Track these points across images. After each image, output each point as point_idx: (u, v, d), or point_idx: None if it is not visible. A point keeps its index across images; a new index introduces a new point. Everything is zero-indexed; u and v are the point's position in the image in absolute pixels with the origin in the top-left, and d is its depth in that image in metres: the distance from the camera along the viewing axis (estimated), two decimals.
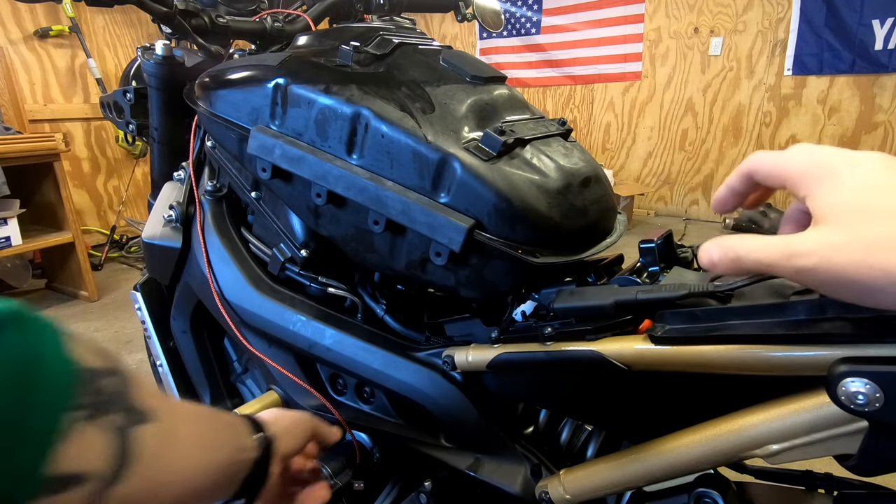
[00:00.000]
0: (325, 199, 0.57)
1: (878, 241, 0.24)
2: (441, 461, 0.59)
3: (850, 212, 0.25)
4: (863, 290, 0.25)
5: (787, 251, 0.26)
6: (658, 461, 0.42)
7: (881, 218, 0.24)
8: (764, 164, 0.31)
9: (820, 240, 0.26)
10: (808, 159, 0.28)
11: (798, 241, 0.26)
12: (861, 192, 0.25)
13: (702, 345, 0.38)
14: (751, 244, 0.28)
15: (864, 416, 0.30)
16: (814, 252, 0.25)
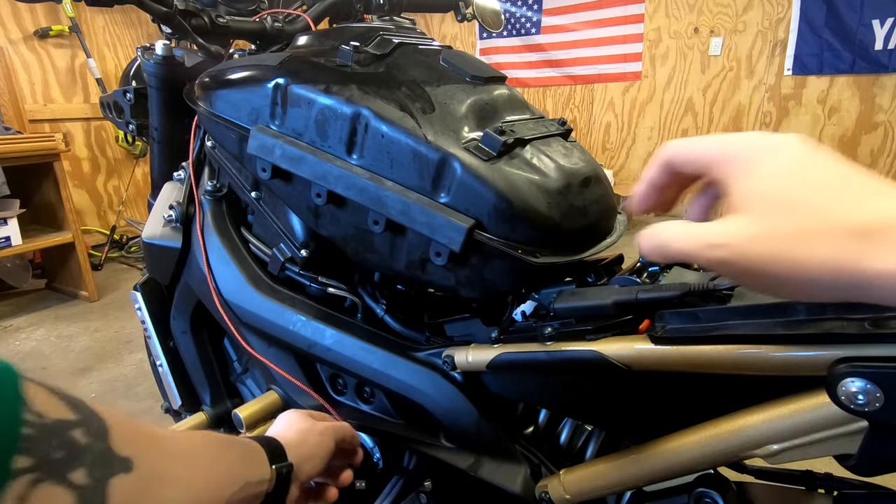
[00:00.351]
0: (325, 199, 0.57)
1: (791, 233, 0.23)
2: (441, 461, 0.59)
3: (765, 201, 0.25)
4: (774, 282, 0.25)
5: (705, 241, 0.26)
6: (658, 461, 0.42)
7: (795, 209, 0.24)
8: (681, 149, 0.30)
9: (735, 230, 0.25)
10: (726, 144, 0.28)
11: (714, 230, 0.26)
12: (777, 181, 0.25)
13: (702, 345, 0.38)
14: (674, 232, 0.27)
15: (864, 416, 0.30)
16: (728, 243, 0.25)
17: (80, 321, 2.35)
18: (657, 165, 0.32)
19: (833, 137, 3.25)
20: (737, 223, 0.25)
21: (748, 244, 0.25)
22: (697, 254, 0.26)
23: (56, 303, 2.57)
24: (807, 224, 0.23)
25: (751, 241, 0.24)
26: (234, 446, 0.40)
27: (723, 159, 0.27)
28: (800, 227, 0.23)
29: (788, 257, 0.23)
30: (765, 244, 0.24)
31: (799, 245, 0.23)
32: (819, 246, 0.23)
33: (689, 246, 0.27)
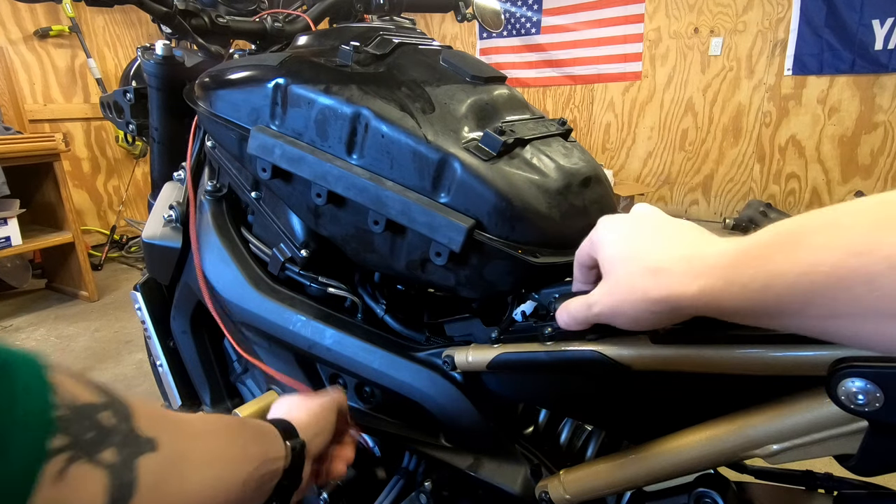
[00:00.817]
0: (325, 199, 0.57)
1: (623, 281, 0.34)
2: (441, 461, 0.59)
3: (610, 263, 0.36)
4: (630, 318, 0.34)
5: (587, 303, 0.37)
6: (658, 461, 0.42)
7: (625, 261, 0.34)
8: (580, 251, 0.41)
9: (599, 290, 0.36)
10: (593, 234, 0.39)
11: (591, 295, 0.37)
12: (615, 247, 0.36)
13: (702, 345, 0.38)
14: (573, 306, 0.38)
15: (864, 416, 0.30)
16: (598, 301, 0.36)
17: (80, 321, 2.35)
18: (576, 266, 0.42)
19: (833, 137, 3.25)
20: (601, 285, 0.36)
21: (607, 296, 0.35)
22: (587, 316, 0.37)
23: (56, 303, 2.57)
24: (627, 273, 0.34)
25: (608, 294, 0.35)
26: (250, 427, 0.41)
27: (592, 247, 0.38)
28: (624, 275, 0.34)
29: (629, 296, 0.33)
30: (613, 295, 0.34)
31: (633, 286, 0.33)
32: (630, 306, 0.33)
33: (581, 312, 0.37)
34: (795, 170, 3.43)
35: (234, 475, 0.36)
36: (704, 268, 0.30)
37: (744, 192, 3.67)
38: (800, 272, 0.25)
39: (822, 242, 0.25)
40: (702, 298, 0.29)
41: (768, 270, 0.26)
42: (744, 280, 0.27)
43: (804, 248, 0.25)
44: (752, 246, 0.28)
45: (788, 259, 0.26)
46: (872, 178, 3.19)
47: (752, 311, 0.28)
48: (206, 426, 0.35)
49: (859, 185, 3.22)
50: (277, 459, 0.41)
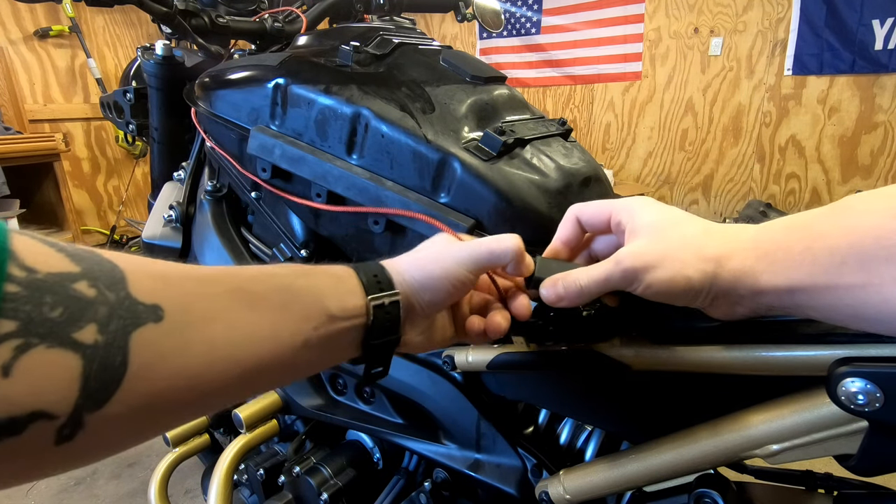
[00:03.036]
0: (325, 198, 0.57)
1: (673, 238, 0.33)
2: (441, 461, 0.59)
3: (650, 229, 0.34)
4: (665, 278, 0.32)
5: (615, 260, 0.34)
6: (658, 461, 0.42)
7: (667, 236, 0.33)
8: (588, 207, 0.39)
9: (635, 246, 0.34)
10: (621, 201, 0.37)
11: (621, 252, 0.34)
12: (659, 213, 0.35)
13: (702, 345, 0.38)
14: (584, 274, 0.35)
15: (864, 416, 0.30)
16: (631, 254, 0.34)
17: None
18: (567, 221, 0.40)
19: (833, 137, 3.25)
20: (635, 243, 0.34)
21: (645, 254, 0.33)
22: (613, 273, 0.34)
23: None
24: (676, 233, 0.33)
25: (644, 250, 0.33)
26: (311, 274, 0.33)
27: (620, 208, 0.37)
28: (673, 235, 0.33)
29: (671, 254, 0.32)
30: (655, 251, 0.33)
31: (680, 244, 0.32)
32: (678, 261, 0.32)
33: (605, 271, 0.34)
34: (795, 170, 3.43)
35: (280, 334, 0.30)
36: (752, 234, 0.31)
37: (744, 192, 3.67)
38: (840, 234, 0.26)
39: (864, 207, 0.27)
40: (746, 262, 0.30)
41: (813, 232, 0.28)
42: (789, 242, 0.28)
43: (847, 213, 0.27)
44: (801, 215, 0.29)
45: (831, 223, 0.27)
46: (872, 178, 3.19)
47: (786, 279, 0.28)
48: (243, 279, 0.29)
49: (859, 185, 3.21)
50: (350, 317, 0.33)
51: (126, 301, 0.22)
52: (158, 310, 0.24)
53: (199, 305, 0.26)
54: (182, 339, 0.24)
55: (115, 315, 0.22)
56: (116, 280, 0.23)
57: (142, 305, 0.23)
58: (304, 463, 0.67)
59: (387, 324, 0.35)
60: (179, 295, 0.25)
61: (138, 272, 0.24)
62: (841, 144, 3.24)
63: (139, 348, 0.22)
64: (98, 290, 0.22)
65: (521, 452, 0.55)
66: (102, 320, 0.21)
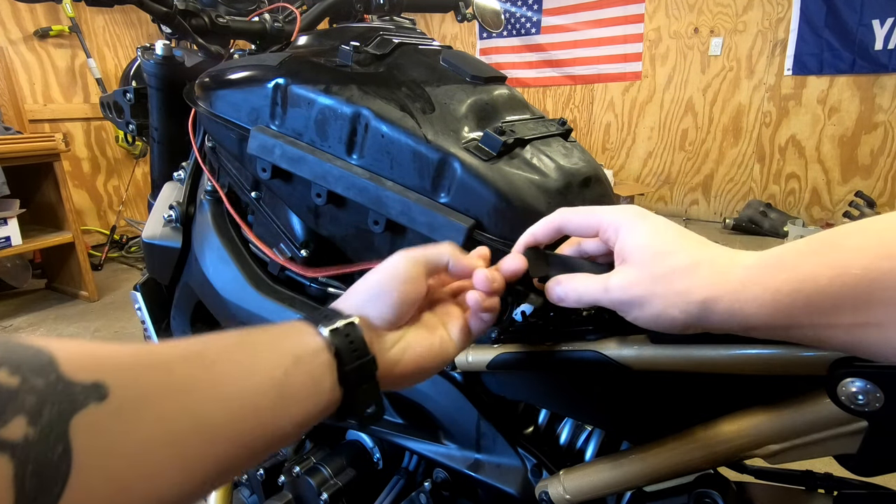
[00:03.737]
0: (325, 199, 0.57)
1: (659, 274, 0.32)
2: (441, 461, 0.59)
3: (640, 253, 0.33)
4: (652, 314, 0.32)
5: (603, 287, 0.34)
6: (658, 461, 0.42)
7: (657, 257, 0.32)
8: (576, 216, 0.38)
9: (623, 277, 0.33)
10: (615, 213, 0.35)
11: (610, 280, 0.34)
12: (648, 237, 0.33)
13: (702, 345, 0.38)
14: (582, 284, 0.35)
15: (864, 416, 0.30)
16: (618, 287, 0.33)
17: (80, 321, 2.35)
18: (547, 226, 0.39)
19: (833, 137, 3.25)
20: (624, 271, 0.33)
21: (632, 289, 0.32)
22: (601, 298, 0.34)
23: (56, 303, 2.57)
24: (663, 267, 0.32)
25: (632, 285, 0.32)
26: (261, 330, 0.31)
27: (609, 224, 0.35)
28: (660, 269, 0.32)
29: (659, 292, 0.31)
30: (641, 287, 0.32)
31: (664, 283, 0.31)
32: (664, 300, 0.31)
33: (594, 294, 0.34)
34: (795, 170, 3.43)
35: (247, 391, 0.27)
36: (741, 272, 0.29)
37: (744, 192, 3.67)
38: (832, 275, 0.25)
39: (855, 245, 0.25)
40: (734, 306, 0.29)
41: (801, 274, 0.26)
42: (777, 284, 0.27)
43: (837, 251, 0.26)
44: (786, 252, 0.28)
45: (821, 262, 0.26)
46: (872, 178, 3.19)
47: (780, 320, 0.27)
48: (187, 348, 0.27)
49: (859, 185, 3.22)
50: (315, 353, 0.31)
51: (59, 384, 0.19)
52: (100, 388, 0.20)
53: (148, 376, 0.23)
54: (134, 417, 0.21)
55: (46, 402, 0.19)
56: (44, 363, 0.20)
57: (79, 386, 0.20)
58: (304, 463, 0.67)
59: (351, 346, 0.32)
60: (123, 368, 0.22)
61: (70, 351, 0.21)
62: (841, 144, 3.24)
63: (83, 435, 0.19)
64: (22, 377, 0.19)
65: (521, 452, 0.55)
66: (31, 410, 0.18)
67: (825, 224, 3.29)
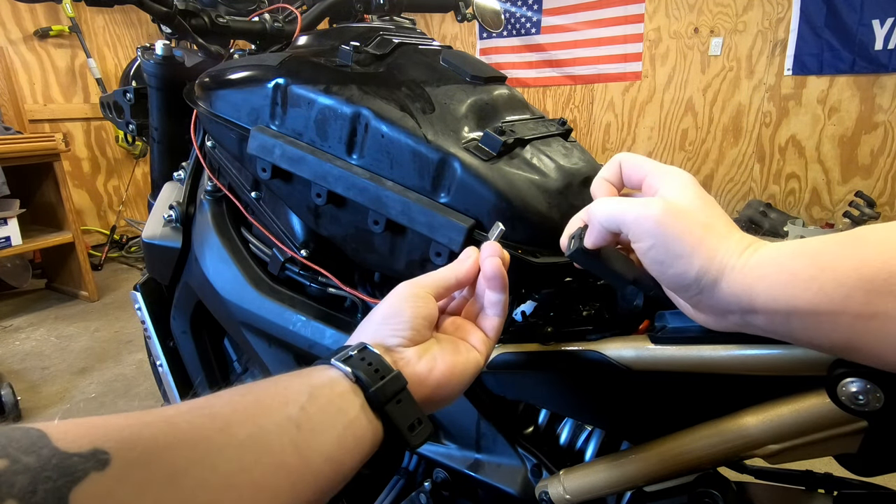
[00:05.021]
0: (325, 199, 0.57)
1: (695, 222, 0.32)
2: (441, 461, 0.59)
3: (680, 196, 0.34)
4: (672, 254, 0.32)
5: (638, 212, 0.33)
6: (658, 461, 0.42)
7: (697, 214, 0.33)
8: (630, 158, 0.39)
9: (661, 200, 0.33)
10: (665, 168, 0.37)
11: (645, 204, 0.33)
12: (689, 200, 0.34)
13: (702, 345, 0.38)
14: (617, 202, 0.35)
15: (864, 415, 0.30)
16: (651, 216, 0.32)
17: (80, 321, 2.35)
18: (612, 164, 0.40)
19: (833, 137, 3.25)
20: (657, 203, 0.33)
21: (669, 209, 0.32)
22: (628, 219, 0.33)
23: (56, 303, 2.57)
24: (705, 215, 0.33)
25: (670, 208, 0.32)
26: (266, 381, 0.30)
27: (658, 174, 0.36)
28: (696, 220, 0.32)
29: (687, 235, 0.31)
30: (677, 220, 0.32)
31: (694, 229, 0.32)
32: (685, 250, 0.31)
33: (628, 211, 0.34)
34: (795, 170, 3.43)
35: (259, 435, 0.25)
36: (764, 253, 0.30)
37: (744, 192, 3.67)
38: (851, 266, 0.26)
39: (877, 239, 0.26)
40: (746, 279, 0.29)
41: (821, 262, 0.27)
42: (795, 268, 0.27)
43: (858, 244, 0.26)
44: (810, 241, 0.29)
45: (843, 254, 0.26)
46: (872, 178, 3.18)
47: (786, 305, 0.28)
48: (189, 404, 0.25)
49: (859, 185, 3.21)
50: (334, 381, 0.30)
51: (53, 458, 0.18)
52: (101, 454, 0.19)
53: (150, 433, 0.21)
54: (143, 479, 0.20)
55: (39, 480, 0.17)
56: (33, 440, 0.18)
57: (77, 456, 0.18)
58: None
59: (370, 367, 0.31)
60: (123, 429, 0.21)
61: (61, 426, 0.19)
62: (841, 144, 3.24)
63: None
64: (10, 457, 0.17)
65: (521, 452, 0.55)
66: (23, 492, 0.16)
67: (825, 224, 3.29)
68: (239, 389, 0.28)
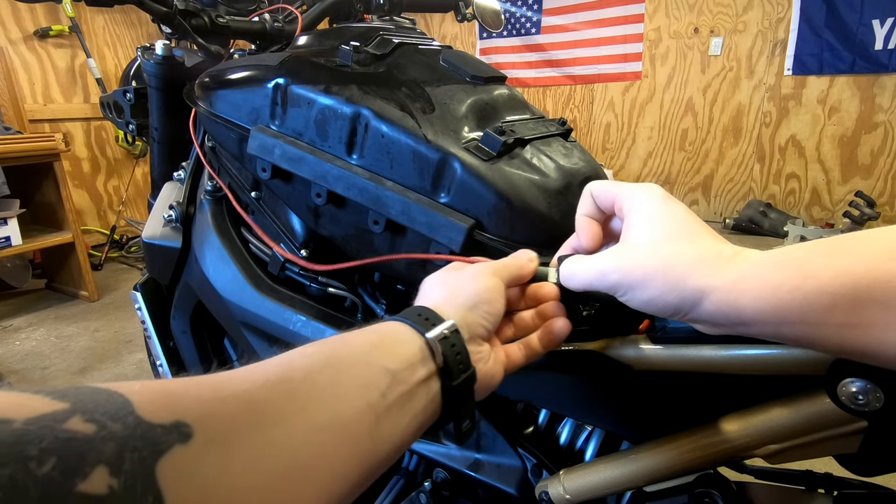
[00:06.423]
0: (325, 199, 0.57)
1: (660, 258, 0.31)
2: (441, 461, 0.59)
3: (641, 231, 0.33)
4: (646, 298, 0.31)
5: (601, 270, 0.33)
6: (658, 461, 0.42)
7: (665, 241, 0.32)
8: (599, 186, 0.37)
9: (618, 259, 0.33)
10: (632, 189, 0.35)
11: (605, 261, 0.33)
12: (654, 218, 0.33)
13: (702, 345, 0.38)
14: (582, 267, 0.35)
15: (864, 415, 0.30)
16: (617, 270, 0.32)
17: (80, 321, 2.35)
18: (585, 197, 0.39)
19: (833, 137, 3.25)
20: (623, 254, 0.33)
21: (632, 272, 0.32)
22: (593, 282, 0.34)
23: (56, 303, 2.57)
24: (666, 252, 0.31)
25: (630, 268, 0.32)
26: (351, 341, 0.29)
27: (625, 197, 0.35)
28: (662, 253, 0.31)
29: (654, 278, 0.31)
30: (640, 269, 0.31)
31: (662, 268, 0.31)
32: (661, 285, 0.30)
33: (589, 278, 0.34)
34: (795, 170, 3.43)
35: (345, 416, 0.25)
36: (745, 266, 0.29)
37: (744, 192, 3.67)
38: (833, 275, 0.25)
39: (860, 249, 0.26)
40: (730, 296, 0.29)
41: (804, 272, 0.26)
42: (778, 280, 0.27)
43: (841, 254, 0.26)
44: (793, 251, 0.28)
45: (825, 263, 0.26)
46: (872, 178, 3.19)
47: (774, 316, 0.27)
48: (268, 373, 0.25)
49: (859, 185, 3.22)
50: (416, 365, 0.29)
51: (138, 428, 0.18)
52: (183, 427, 0.19)
53: (230, 410, 0.21)
54: (224, 457, 0.20)
55: (127, 448, 0.17)
56: (119, 406, 0.18)
57: (160, 427, 0.18)
58: None
59: (458, 357, 0.31)
60: (204, 402, 0.21)
61: (144, 392, 0.19)
62: (841, 144, 3.24)
63: (173, 481, 0.17)
64: (97, 423, 0.17)
65: (521, 452, 0.55)
66: (112, 459, 0.16)
67: (825, 224, 3.29)
68: (319, 357, 0.27)
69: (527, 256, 0.40)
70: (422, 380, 0.29)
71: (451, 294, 0.35)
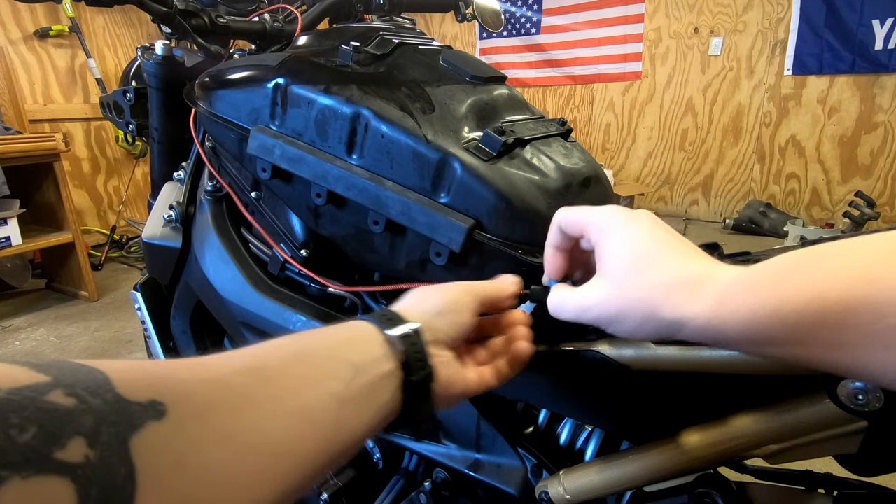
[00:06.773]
0: (325, 199, 0.57)
1: (632, 289, 0.31)
2: (441, 461, 0.59)
3: (615, 264, 0.32)
4: (629, 329, 0.32)
5: (582, 306, 0.34)
6: (658, 461, 0.42)
7: (637, 271, 0.31)
8: (567, 216, 0.37)
9: (597, 293, 0.33)
10: (598, 216, 0.35)
11: (586, 297, 0.34)
12: (625, 246, 0.32)
13: (701, 345, 0.38)
14: (568, 302, 0.35)
15: (864, 415, 0.30)
16: (597, 305, 0.33)
17: (80, 321, 2.35)
18: (553, 228, 0.38)
19: (833, 137, 3.25)
20: (598, 288, 0.33)
21: (609, 306, 0.32)
22: (580, 318, 0.34)
23: (56, 303, 2.57)
24: (637, 283, 0.31)
25: (607, 302, 0.32)
26: (321, 336, 0.31)
27: (593, 228, 0.35)
28: (633, 284, 0.31)
29: (631, 310, 0.31)
30: (616, 303, 0.32)
31: (637, 301, 0.31)
32: (640, 316, 0.30)
33: (573, 313, 0.35)
34: (795, 170, 3.43)
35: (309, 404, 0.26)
36: (718, 291, 0.29)
37: (744, 192, 3.67)
38: (809, 298, 0.25)
39: (833, 269, 0.25)
40: (711, 323, 0.28)
41: (778, 296, 0.26)
42: (754, 305, 0.27)
43: (815, 274, 0.25)
44: (764, 272, 0.27)
45: (799, 285, 0.25)
46: (872, 178, 3.19)
47: (757, 338, 0.27)
48: (244, 359, 0.26)
49: (859, 185, 3.22)
50: (378, 360, 0.31)
51: (116, 404, 0.19)
52: (157, 405, 0.20)
53: (205, 391, 0.22)
54: (196, 433, 0.21)
55: (104, 422, 0.18)
56: (99, 383, 0.19)
57: (136, 405, 0.19)
58: None
59: (417, 355, 0.32)
60: (179, 383, 0.22)
61: (123, 370, 0.20)
62: (841, 144, 3.24)
63: (144, 455, 0.18)
64: (77, 397, 0.18)
65: (521, 452, 0.55)
66: (89, 431, 0.17)
67: (825, 224, 3.29)
68: (291, 348, 0.29)
69: (509, 281, 0.42)
70: (383, 374, 0.31)
71: (418, 302, 0.37)
